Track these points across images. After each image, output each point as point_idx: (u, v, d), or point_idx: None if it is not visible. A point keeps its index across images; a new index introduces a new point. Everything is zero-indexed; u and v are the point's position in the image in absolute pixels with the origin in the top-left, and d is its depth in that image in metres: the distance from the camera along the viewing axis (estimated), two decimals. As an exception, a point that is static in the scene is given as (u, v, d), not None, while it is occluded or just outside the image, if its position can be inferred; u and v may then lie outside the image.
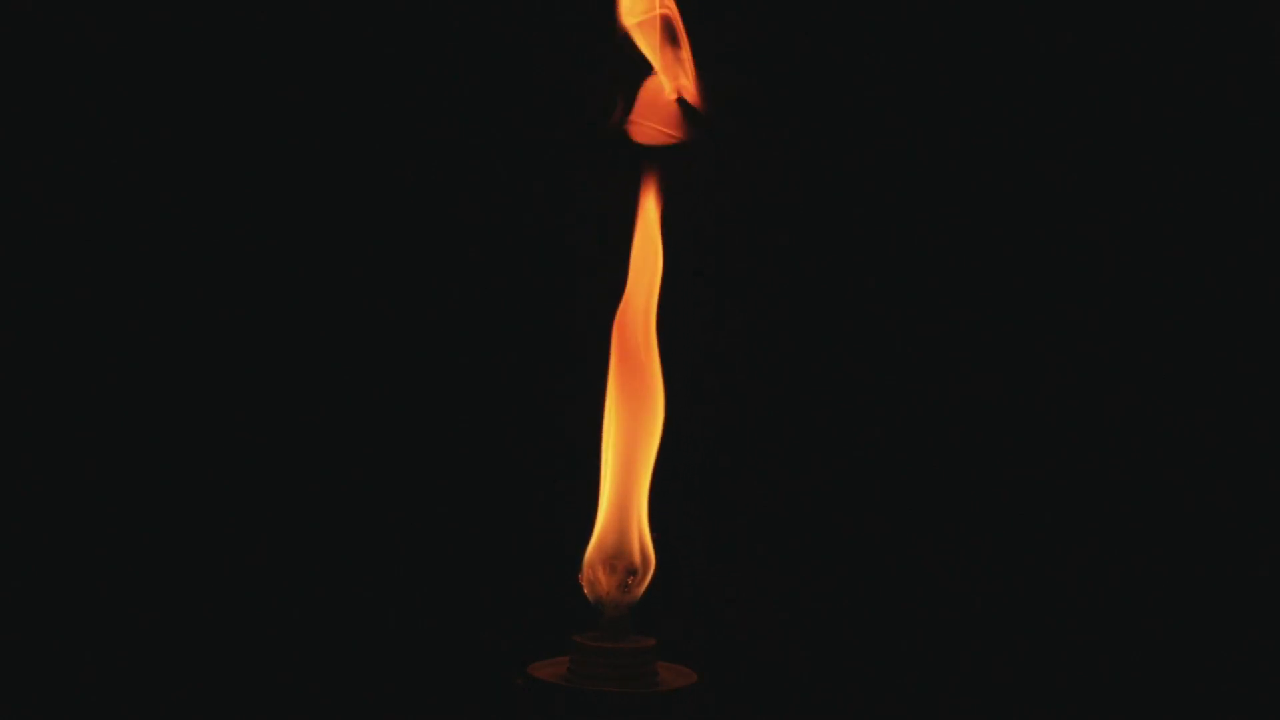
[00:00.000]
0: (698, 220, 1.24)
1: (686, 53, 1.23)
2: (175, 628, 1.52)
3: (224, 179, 1.54)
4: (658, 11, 1.22)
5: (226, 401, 1.54)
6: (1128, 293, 1.56)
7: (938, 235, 1.57)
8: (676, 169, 1.22)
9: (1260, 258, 1.55)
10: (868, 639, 1.58)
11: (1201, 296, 1.56)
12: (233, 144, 1.54)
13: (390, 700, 1.55)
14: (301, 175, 1.55)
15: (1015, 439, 1.57)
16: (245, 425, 1.55)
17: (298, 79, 1.54)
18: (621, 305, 1.19)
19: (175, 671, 1.52)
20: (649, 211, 1.20)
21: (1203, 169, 1.55)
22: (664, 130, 1.21)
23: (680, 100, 1.22)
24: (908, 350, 1.58)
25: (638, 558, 1.15)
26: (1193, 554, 1.56)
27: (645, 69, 1.23)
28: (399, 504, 1.57)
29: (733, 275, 1.57)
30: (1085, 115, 1.55)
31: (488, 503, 1.57)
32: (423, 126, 1.56)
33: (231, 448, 1.54)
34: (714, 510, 1.57)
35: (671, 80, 1.22)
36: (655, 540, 1.17)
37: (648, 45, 1.22)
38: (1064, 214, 1.57)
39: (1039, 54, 1.55)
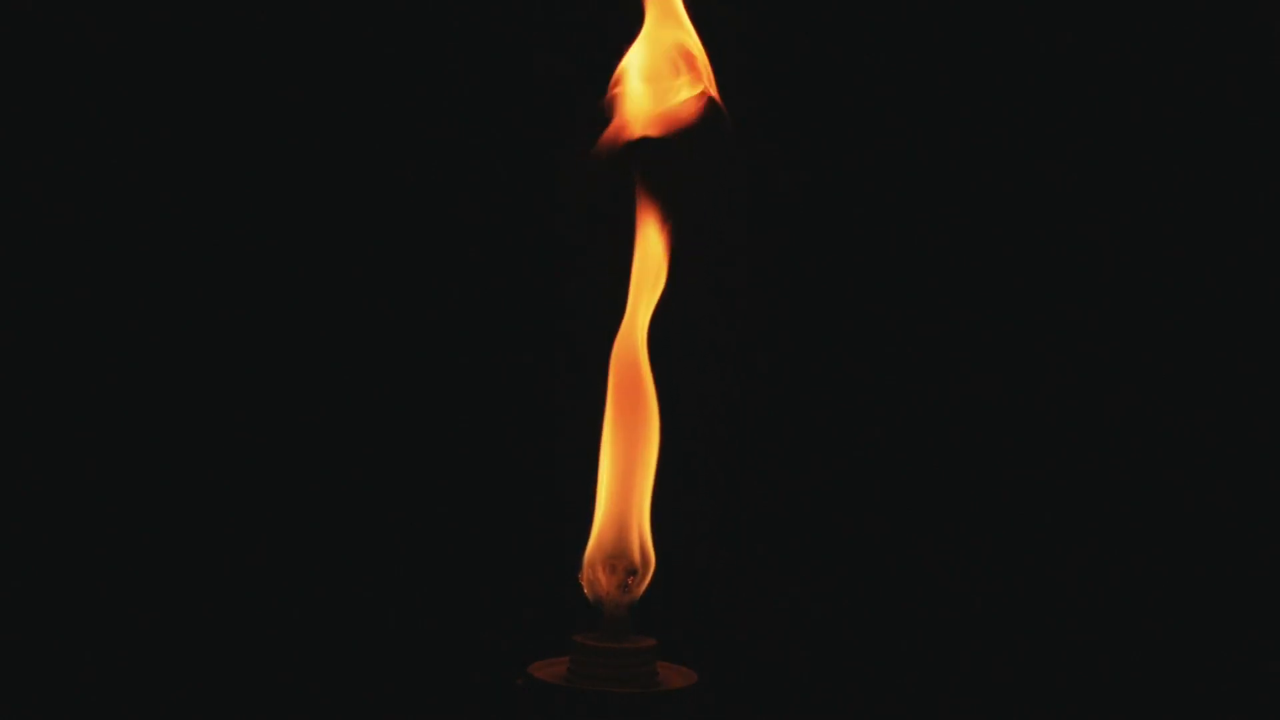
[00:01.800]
0: (698, 220, 1.24)
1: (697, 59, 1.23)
2: (175, 628, 1.52)
3: (224, 179, 1.54)
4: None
5: (226, 401, 1.54)
6: (1128, 293, 1.56)
7: (938, 235, 1.57)
8: (675, 168, 1.22)
9: (1260, 258, 1.55)
10: (868, 639, 1.58)
11: (1201, 296, 1.56)
12: (233, 144, 1.54)
13: (390, 700, 1.55)
14: (301, 175, 1.55)
15: (1015, 439, 1.57)
16: (245, 425, 1.55)
17: (298, 79, 1.54)
18: (622, 328, 1.19)
19: (175, 671, 1.52)
20: (649, 224, 1.20)
21: (1203, 169, 1.55)
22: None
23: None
24: (908, 350, 1.58)
25: (638, 558, 1.15)
26: (1193, 554, 1.56)
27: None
28: (399, 504, 1.57)
29: (733, 275, 1.57)
30: (1085, 115, 1.55)
31: (488, 503, 1.57)
32: (423, 126, 1.56)
33: (231, 448, 1.55)
34: (714, 510, 1.57)
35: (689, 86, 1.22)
36: (655, 540, 1.17)
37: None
38: (1064, 214, 1.57)
39: (1039, 54, 1.55)
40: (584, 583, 1.14)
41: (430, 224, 1.57)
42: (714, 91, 1.21)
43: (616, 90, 1.21)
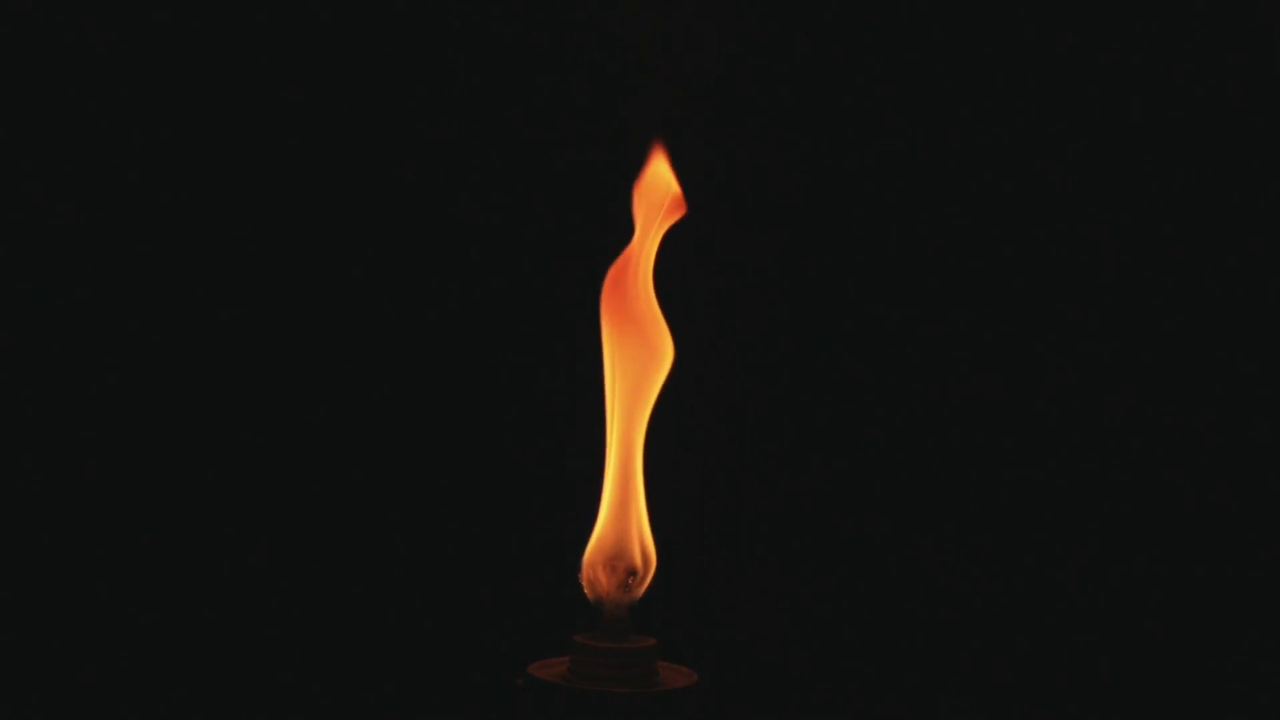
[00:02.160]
0: (697, 220, 1.24)
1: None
2: (175, 628, 1.52)
3: (224, 179, 1.54)
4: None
5: (226, 401, 1.54)
6: (1128, 293, 1.56)
7: (938, 235, 1.57)
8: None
9: (1260, 258, 1.55)
10: (868, 639, 1.58)
11: (1201, 296, 1.56)
12: (233, 144, 1.54)
13: (390, 700, 1.55)
14: (302, 175, 1.55)
15: (1015, 439, 1.57)
16: (245, 425, 1.55)
17: (298, 79, 1.54)
18: (619, 262, 1.19)
19: (175, 671, 1.52)
20: (659, 156, 1.20)
21: (1203, 169, 1.55)
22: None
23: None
24: (908, 350, 1.58)
25: (638, 558, 1.15)
26: (1193, 554, 1.56)
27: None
28: (399, 504, 1.57)
29: (733, 275, 1.57)
30: (1085, 115, 1.55)
31: (488, 503, 1.57)
32: (423, 126, 1.56)
33: (231, 448, 1.55)
34: (714, 510, 1.57)
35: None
36: (655, 540, 1.17)
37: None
38: (1064, 214, 1.57)
39: (1039, 54, 1.55)
40: (584, 583, 1.14)
41: (430, 224, 1.57)
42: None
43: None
